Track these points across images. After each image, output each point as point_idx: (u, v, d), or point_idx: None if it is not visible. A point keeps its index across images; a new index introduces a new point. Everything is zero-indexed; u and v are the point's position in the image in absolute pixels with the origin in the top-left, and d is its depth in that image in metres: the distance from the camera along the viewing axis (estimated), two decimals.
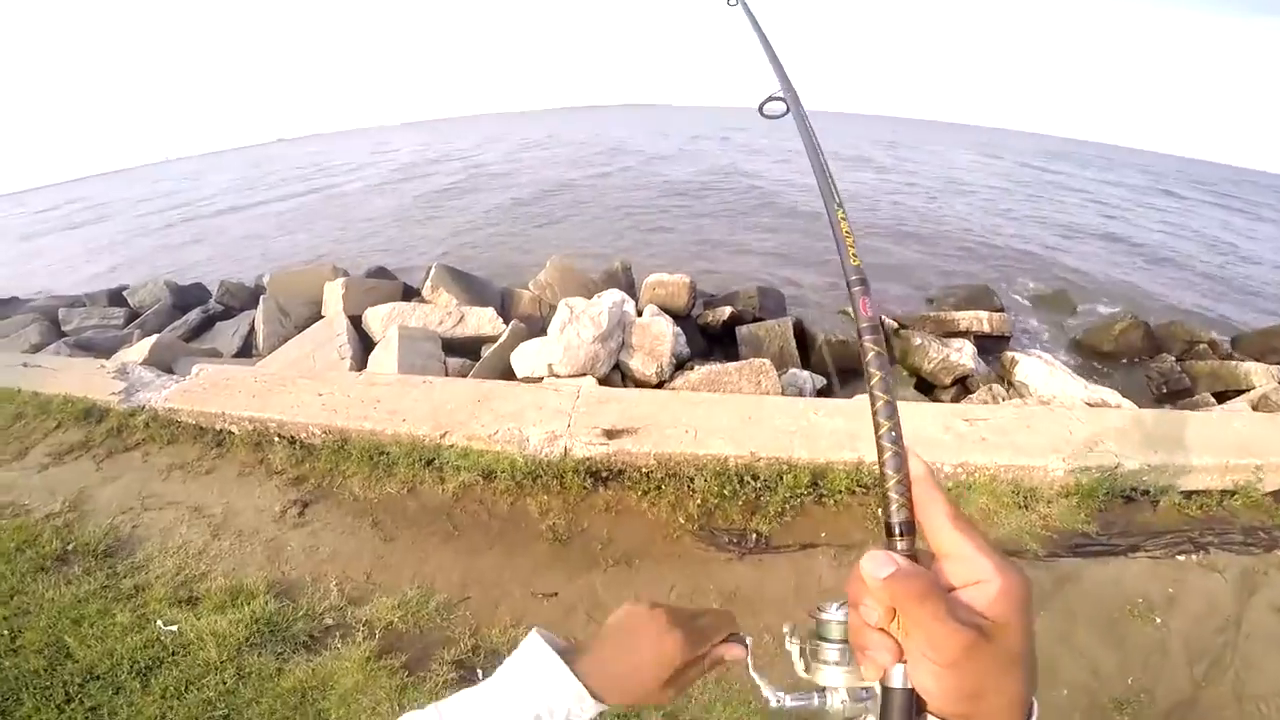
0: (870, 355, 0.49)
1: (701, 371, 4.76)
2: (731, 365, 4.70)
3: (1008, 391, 5.32)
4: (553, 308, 6.54)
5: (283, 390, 3.72)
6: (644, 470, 2.91)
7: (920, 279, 10.30)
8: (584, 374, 4.75)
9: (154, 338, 5.89)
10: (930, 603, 0.38)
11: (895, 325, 6.56)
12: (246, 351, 6.77)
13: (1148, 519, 2.80)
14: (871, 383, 0.47)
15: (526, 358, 4.84)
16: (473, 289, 6.52)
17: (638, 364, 5.03)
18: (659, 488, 2.83)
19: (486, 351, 5.42)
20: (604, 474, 2.91)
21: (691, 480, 2.84)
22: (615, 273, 7.37)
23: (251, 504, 2.94)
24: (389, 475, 3.02)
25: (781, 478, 2.80)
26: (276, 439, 3.32)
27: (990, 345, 6.48)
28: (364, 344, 5.62)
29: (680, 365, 5.30)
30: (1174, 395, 6.10)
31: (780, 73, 0.84)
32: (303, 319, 6.46)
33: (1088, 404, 4.71)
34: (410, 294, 6.59)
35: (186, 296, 8.58)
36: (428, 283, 6.23)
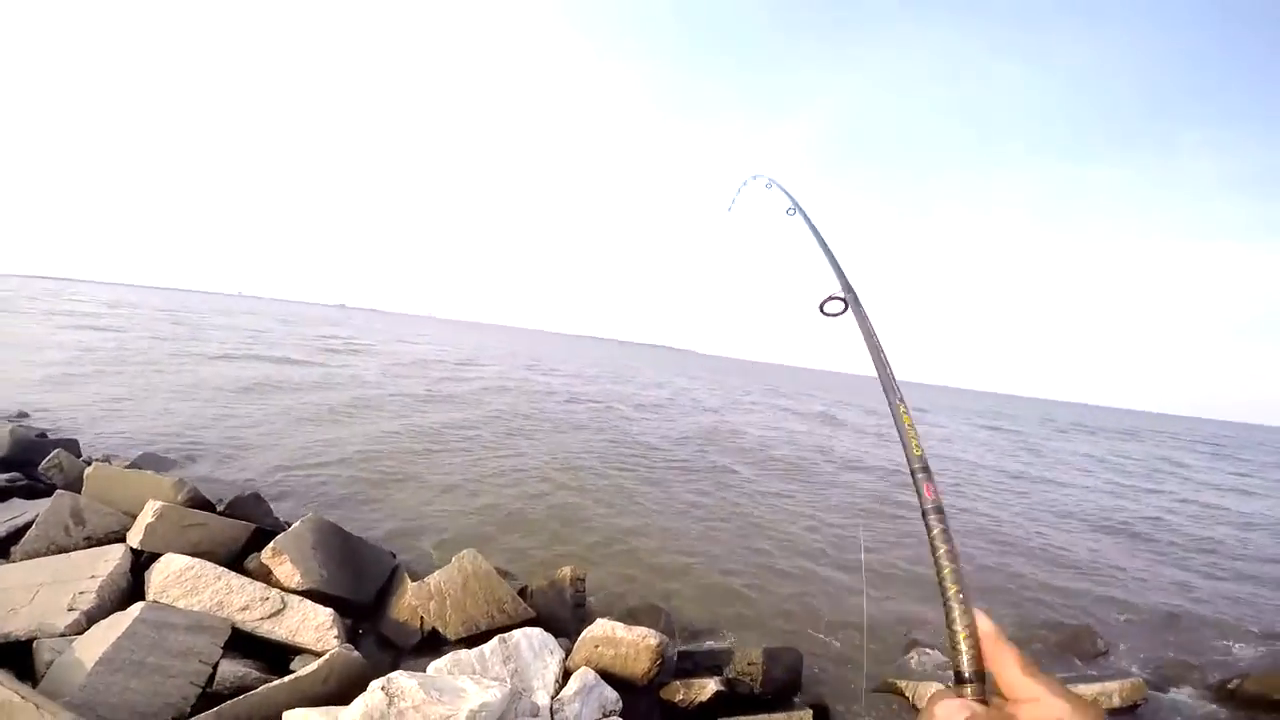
0: (936, 530, 0.61)
1: None
2: None
3: None
4: (436, 633, 4.57)
5: None
6: None
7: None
8: None
9: None
10: None
11: None
12: (3, 549, 4.75)
13: None
14: (938, 554, 0.59)
15: None
16: (348, 561, 4.70)
17: None
18: None
19: (296, 672, 3.43)
20: None
21: None
22: (560, 586, 5.32)
23: None
24: None
25: None
26: None
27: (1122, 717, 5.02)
28: (132, 598, 3.70)
29: None
30: None
31: (839, 271, 1.02)
32: (103, 532, 4.59)
33: None
34: (257, 545, 4.74)
35: (28, 453, 6.78)
36: (272, 544, 4.40)
